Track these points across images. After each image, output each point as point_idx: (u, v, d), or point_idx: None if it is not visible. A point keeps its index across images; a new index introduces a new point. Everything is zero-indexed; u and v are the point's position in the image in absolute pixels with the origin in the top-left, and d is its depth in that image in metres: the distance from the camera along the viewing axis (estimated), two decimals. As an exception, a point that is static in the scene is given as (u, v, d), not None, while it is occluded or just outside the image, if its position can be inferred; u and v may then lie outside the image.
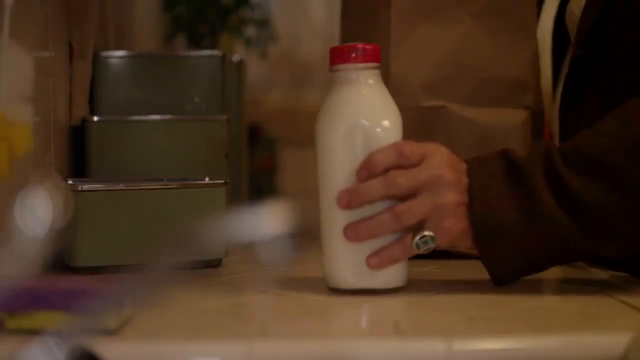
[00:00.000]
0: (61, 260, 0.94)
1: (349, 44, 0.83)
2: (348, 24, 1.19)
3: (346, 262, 0.82)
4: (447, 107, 1.03)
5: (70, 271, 0.93)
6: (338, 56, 0.83)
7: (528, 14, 1.08)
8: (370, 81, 0.83)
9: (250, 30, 1.76)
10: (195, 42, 1.66)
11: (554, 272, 0.94)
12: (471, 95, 1.04)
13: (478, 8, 1.04)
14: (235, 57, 1.31)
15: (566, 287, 0.88)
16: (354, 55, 0.82)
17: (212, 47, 1.59)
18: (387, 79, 0.98)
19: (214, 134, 1.12)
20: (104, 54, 1.15)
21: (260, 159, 1.60)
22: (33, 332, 0.65)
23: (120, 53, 1.16)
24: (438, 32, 1.03)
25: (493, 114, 1.05)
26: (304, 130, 1.84)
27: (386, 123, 0.82)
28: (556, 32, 1.13)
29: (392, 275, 0.82)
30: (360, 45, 0.82)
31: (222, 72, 1.17)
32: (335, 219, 0.82)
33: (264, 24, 1.77)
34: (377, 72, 0.83)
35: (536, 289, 0.88)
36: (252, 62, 1.72)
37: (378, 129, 0.81)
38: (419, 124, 1.01)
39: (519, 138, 1.05)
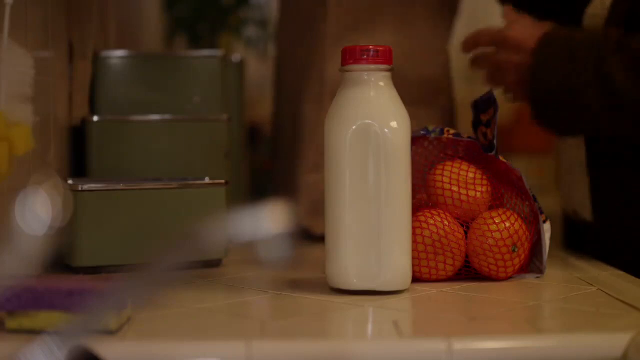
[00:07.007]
0: (61, 260, 0.95)
1: (361, 45, 0.83)
2: (285, 28, 1.34)
3: (350, 263, 0.82)
4: None
5: (70, 271, 0.93)
6: (350, 56, 0.83)
7: (440, 21, 1.25)
8: (381, 83, 0.83)
9: (250, 30, 1.76)
10: (195, 42, 1.66)
11: (553, 272, 0.94)
12: None
13: (399, 20, 1.21)
14: (235, 57, 1.31)
15: (566, 286, 0.88)
16: (365, 56, 0.82)
17: (212, 47, 1.59)
18: (323, 83, 1.19)
19: (214, 134, 1.12)
20: (104, 54, 1.15)
21: (260, 159, 1.60)
22: (33, 332, 0.65)
23: (120, 53, 1.15)
24: (367, 40, 1.15)
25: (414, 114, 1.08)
26: (304, 130, 1.83)
27: (394, 124, 0.82)
28: None
29: (396, 277, 0.82)
30: (372, 47, 0.82)
31: (222, 72, 1.17)
32: (340, 219, 0.82)
33: (264, 24, 1.77)
34: (388, 74, 0.83)
35: (536, 289, 0.88)
36: (252, 62, 1.72)
37: (386, 130, 0.81)
38: None
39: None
